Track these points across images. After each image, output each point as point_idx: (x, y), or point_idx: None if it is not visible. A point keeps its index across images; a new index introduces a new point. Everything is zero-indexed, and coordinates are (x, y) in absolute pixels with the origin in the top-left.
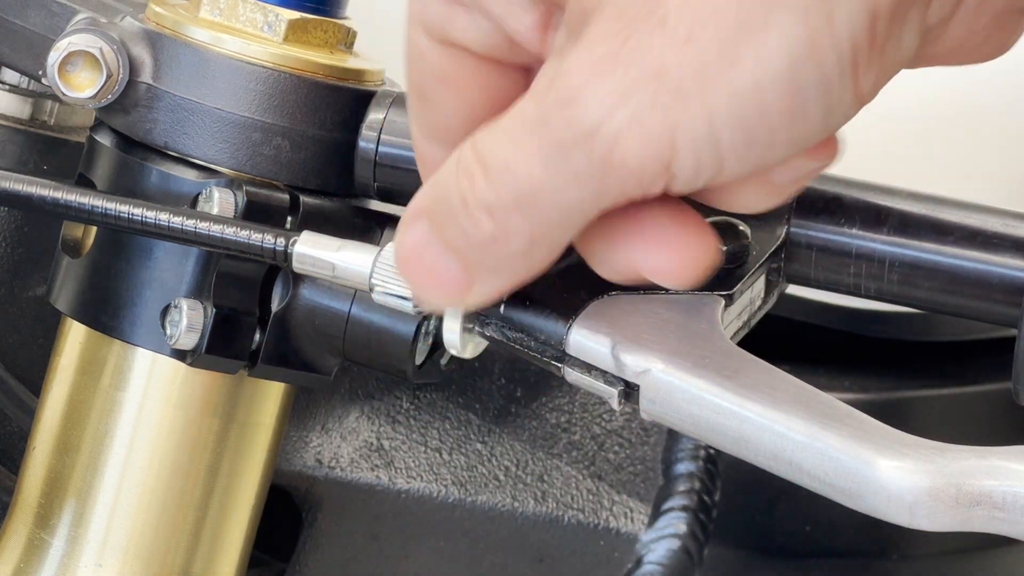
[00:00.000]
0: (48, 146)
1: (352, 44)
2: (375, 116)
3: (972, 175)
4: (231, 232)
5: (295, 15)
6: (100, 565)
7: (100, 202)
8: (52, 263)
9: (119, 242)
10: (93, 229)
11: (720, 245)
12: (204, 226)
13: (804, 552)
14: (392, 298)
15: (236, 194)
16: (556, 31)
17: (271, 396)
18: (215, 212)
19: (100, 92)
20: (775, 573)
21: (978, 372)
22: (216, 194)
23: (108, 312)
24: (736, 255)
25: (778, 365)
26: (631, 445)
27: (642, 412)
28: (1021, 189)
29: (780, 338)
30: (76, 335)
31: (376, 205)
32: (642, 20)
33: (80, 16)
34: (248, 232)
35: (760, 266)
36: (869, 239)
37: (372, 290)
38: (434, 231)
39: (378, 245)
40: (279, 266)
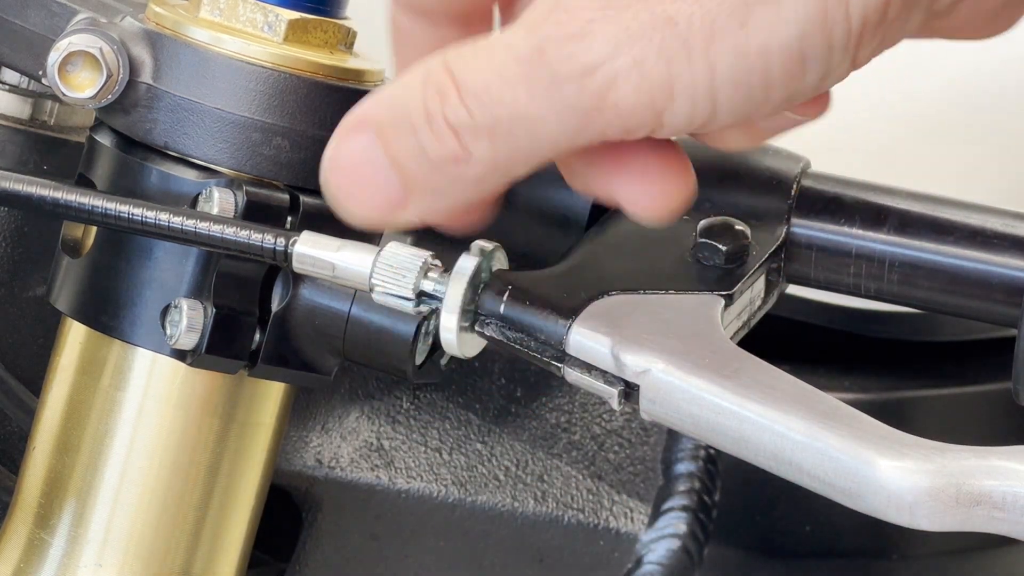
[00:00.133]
0: (48, 146)
1: (352, 44)
2: None
3: (972, 175)
4: (231, 232)
5: (295, 15)
6: (100, 565)
7: (100, 202)
8: (52, 263)
9: (119, 242)
10: (93, 229)
11: (694, 179)
12: (204, 226)
13: (804, 552)
14: (392, 298)
15: (236, 194)
16: None
17: (271, 396)
18: (215, 212)
19: (100, 92)
20: (775, 573)
21: (978, 372)
22: (216, 194)
23: (108, 312)
24: (736, 255)
25: (778, 365)
26: (631, 445)
27: (642, 412)
28: (1021, 189)
29: (780, 338)
30: (76, 335)
31: None
32: None
33: (80, 16)
34: (248, 232)
35: (760, 266)
36: (869, 239)
37: (372, 290)
38: (380, 143)
39: (378, 245)
40: (279, 266)
